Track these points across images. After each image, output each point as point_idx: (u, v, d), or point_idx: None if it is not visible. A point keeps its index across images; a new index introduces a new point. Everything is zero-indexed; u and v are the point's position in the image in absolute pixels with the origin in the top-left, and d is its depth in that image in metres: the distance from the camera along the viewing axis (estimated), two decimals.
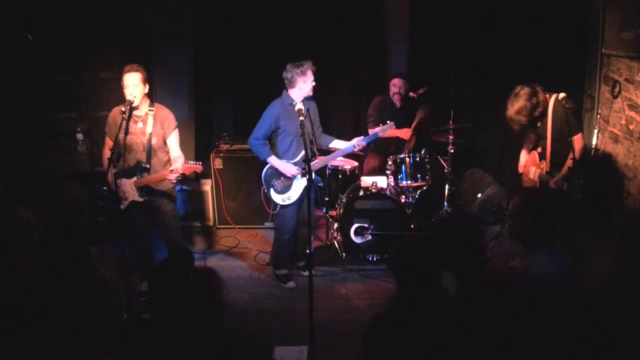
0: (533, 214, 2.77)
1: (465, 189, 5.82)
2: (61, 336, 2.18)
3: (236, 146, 5.66)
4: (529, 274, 2.64)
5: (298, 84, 4.38)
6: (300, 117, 3.99)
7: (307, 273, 4.37)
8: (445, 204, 5.40)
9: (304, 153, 4.37)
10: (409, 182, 5.14)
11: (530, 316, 2.16)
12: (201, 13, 5.89)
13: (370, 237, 4.96)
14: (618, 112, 4.96)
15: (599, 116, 5.30)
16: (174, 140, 4.35)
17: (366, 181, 5.16)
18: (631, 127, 4.74)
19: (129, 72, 4.12)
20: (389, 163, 5.20)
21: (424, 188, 5.27)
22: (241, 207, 5.77)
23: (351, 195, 5.07)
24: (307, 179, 3.61)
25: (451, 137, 5.31)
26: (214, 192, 5.75)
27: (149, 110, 4.25)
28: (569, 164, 4.13)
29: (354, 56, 6.10)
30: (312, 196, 4.53)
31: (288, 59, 4.47)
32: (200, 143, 6.12)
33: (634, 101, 4.70)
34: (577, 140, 4.21)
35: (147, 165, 4.24)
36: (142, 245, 4.49)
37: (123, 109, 4.02)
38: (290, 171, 4.48)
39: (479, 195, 5.59)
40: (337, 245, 5.15)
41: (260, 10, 5.79)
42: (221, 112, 6.32)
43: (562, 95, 4.15)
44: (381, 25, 5.99)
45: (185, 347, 2.28)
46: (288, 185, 4.54)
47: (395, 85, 5.45)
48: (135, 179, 4.23)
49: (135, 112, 4.21)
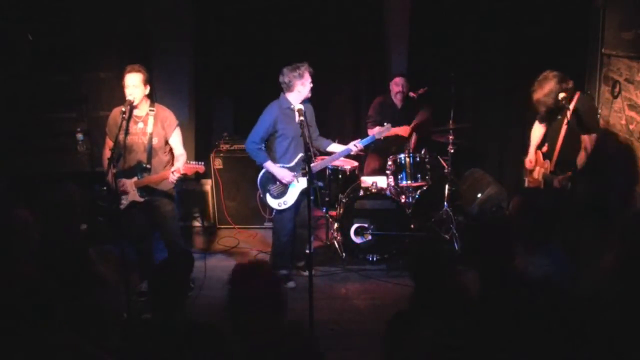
0: (532, 214, 2.77)
1: (465, 189, 5.82)
2: (61, 336, 2.18)
3: (236, 146, 5.66)
4: (528, 274, 2.64)
5: (296, 88, 4.34)
6: (300, 116, 3.98)
7: (307, 273, 4.37)
8: (445, 204, 5.40)
9: (300, 156, 4.40)
10: (409, 182, 5.14)
11: (530, 316, 2.17)
12: (201, 13, 5.89)
13: (370, 237, 4.96)
14: (618, 112, 4.96)
15: (599, 116, 5.30)
16: (176, 139, 4.35)
17: (366, 181, 5.16)
18: (631, 127, 4.74)
19: (130, 72, 4.12)
20: (389, 163, 5.20)
21: (424, 188, 5.27)
22: (241, 207, 5.77)
23: (351, 195, 5.07)
24: (307, 179, 3.59)
25: (451, 137, 5.31)
26: (214, 192, 5.75)
27: (150, 111, 4.24)
28: (578, 164, 4.12)
29: (354, 56, 6.10)
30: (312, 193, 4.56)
31: (288, 59, 4.46)
32: (200, 143, 6.12)
33: (634, 101, 4.70)
34: (586, 140, 4.17)
35: (148, 166, 4.24)
36: (142, 245, 4.49)
37: (123, 109, 4.02)
38: (285, 178, 4.45)
39: (479, 195, 5.58)
40: (337, 245, 5.15)
41: (260, 10, 5.79)
42: (221, 112, 6.32)
43: (561, 96, 4.14)
44: (381, 25, 5.99)
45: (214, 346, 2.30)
46: (284, 191, 4.52)
47: (398, 85, 5.44)
48: (135, 179, 4.23)
49: (135, 112, 4.21)
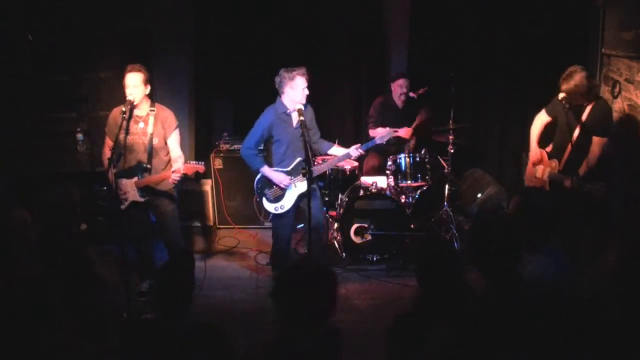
0: (531, 214, 2.77)
1: (465, 189, 5.82)
2: (61, 336, 2.18)
3: (236, 146, 5.64)
4: (528, 274, 2.64)
5: (286, 90, 4.26)
6: (300, 116, 3.95)
7: None
8: (445, 204, 5.41)
9: (299, 160, 4.36)
10: (409, 182, 5.14)
11: (529, 316, 2.17)
12: (201, 13, 5.89)
13: (370, 237, 4.96)
14: (618, 112, 4.96)
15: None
16: (174, 141, 4.34)
17: (366, 181, 5.16)
18: None
19: (130, 72, 4.11)
20: (389, 163, 5.20)
21: (424, 188, 5.27)
22: (241, 207, 5.77)
23: (351, 195, 5.07)
24: (306, 179, 3.59)
25: (451, 137, 5.31)
26: (214, 192, 5.75)
27: (150, 111, 4.24)
28: (587, 164, 4.11)
29: (354, 56, 6.10)
30: (318, 196, 4.50)
31: (288, 59, 4.46)
32: (200, 143, 6.12)
33: (634, 101, 4.70)
34: (596, 142, 4.13)
35: (149, 166, 4.23)
36: (142, 245, 4.49)
37: (123, 109, 4.02)
38: (282, 182, 4.39)
39: (479, 195, 5.58)
40: (337, 245, 5.15)
41: (260, 10, 5.79)
42: (221, 112, 6.32)
43: (561, 96, 4.14)
44: (381, 25, 5.99)
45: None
46: (281, 195, 4.46)
47: (402, 86, 5.42)
48: (136, 179, 4.23)
49: (136, 112, 4.20)
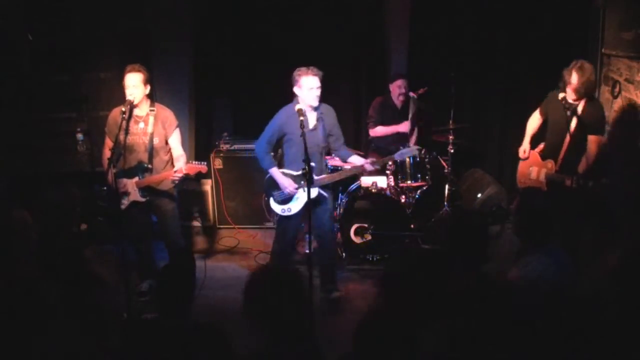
0: (531, 214, 2.77)
1: (465, 189, 5.82)
2: (61, 336, 2.18)
3: (236, 146, 5.65)
4: (528, 274, 2.64)
5: (296, 90, 4.14)
6: (300, 117, 3.93)
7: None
8: (445, 204, 5.40)
9: (313, 165, 4.08)
10: (409, 182, 5.14)
11: (529, 316, 2.17)
12: (201, 13, 5.88)
13: (370, 237, 4.96)
14: (618, 112, 4.96)
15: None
16: (175, 140, 4.34)
17: (366, 181, 5.16)
18: None
19: (130, 72, 4.11)
20: (389, 163, 5.20)
21: (424, 188, 5.27)
22: (241, 207, 5.77)
23: (351, 195, 5.07)
24: (307, 179, 3.58)
25: (451, 137, 5.31)
26: (214, 192, 5.75)
27: (150, 111, 4.24)
28: (585, 162, 4.13)
29: (354, 56, 6.10)
30: (329, 208, 4.36)
31: (288, 58, 4.46)
32: (200, 143, 6.12)
33: (634, 101, 4.70)
34: (593, 141, 4.15)
35: (149, 166, 4.23)
36: (142, 245, 4.49)
37: (123, 109, 4.02)
38: (287, 188, 4.23)
39: (479, 195, 5.58)
40: (337, 245, 5.15)
41: (260, 10, 5.79)
42: (221, 112, 6.32)
43: (561, 96, 4.14)
44: (381, 25, 5.99)
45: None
46: (289, 198, 4.28)
47: (400, 87, 5.42)
48: (136, 179, 4.22)
49: (136, 112, 4.20)
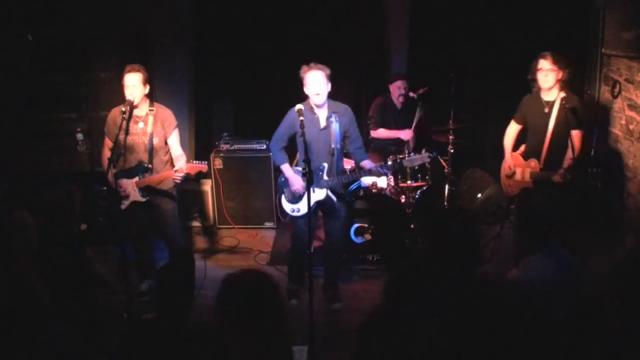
0: (531, 214, 2.78)
1: (465, 189, 5.82)
2: (60, 336, 2.18)
3: (236, 146, 5.65)
4: (529, 274, 2.64)
5: (304, 88, 4.06)
6: (300, 117, 3.91)
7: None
8: (445, 204, 5.40)
9: (324, 165, 4.10)
10: (409, 182, 5.14)
11: (530, 317, 2.16)
12: (201, 13, 5.89)
13: (370, 237, 4.96)
14: (618, 112, 4.96)
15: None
16: (175, 140, 4.34)
17: (366, 181, 5.15)
18: (631, 127, 4.74)
19: (130, 72, 4.11)
20: (389, 163, 5.19)
21: (424, 188, 5.27)
22: (241, 207, 5.77)
23: (351, 195, 5.07)
24: (306, 179, 3.57)
25: (451, 137, 5.31)
26: (214, 192, 5.75)
27: (149, 111, 4.24)
28: (570, 157, 4.14)
29: (354, 56, 6.10)
30: (342, 216, 4.31)
31: (288, 58, 4.46)
32: (200, 143, 6.12)
33: (634, 101, 4.70)
34: (576, 135, 4.18)
35: (149, 166, 4.23)
36: (142, 245, 4.49)
37: (123, 109, 4.02)
38: (294, 185, 4.16)
39: (479, 195, 5.58)
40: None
41: (260, 10, 5.79)
42: (221, 112, 6.32)
43: (562, 95, 4.15)
44: (381, 25, 5.99)
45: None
46: (299, 197, 4.20)
47: (400, 88, 5.42)
48: (136, 179, 4.23)
49: (135, 112, 4.20)
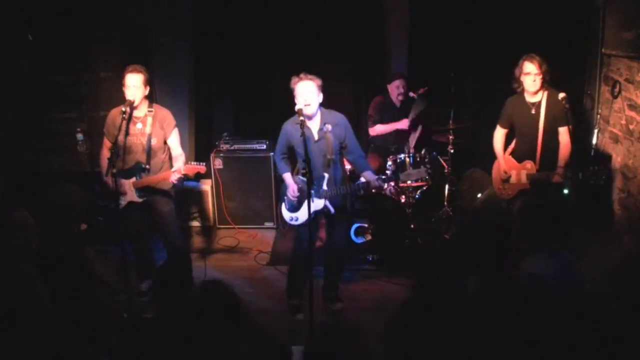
0: (533, 216, 2.78)
1: (465, 189, 5.81)
2: (60, 336, 2.18)
3: (236, 146, 5.65)
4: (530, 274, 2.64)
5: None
6: (300, 117, 3.87)
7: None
8: (445, 204, 5.40)
9: (324, 175, 3.99)
10: (409, 182, 5.13)
11: (534, 317, 2.17)
12: (201, 13, 5.89)
13: (370, 237, 4.96)
14: (618, 112, 4.97)
15: (599, 116, 5.30)
16: (174, 140, 4.33)
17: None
18: (631, 127, 4.75)
19: (132, 72, 4.09)
20: (389, 163, 5.20)
21: (424, 188, 5.27)
22: (241, 207, 5.77)
23: (351, 195, 5.06)
24: (306, 179, 3.55)
25: (451, 137, 5.31)
26: (214, 192, 5.75)
27: (148, 112, 4.22)
28: (565, 155, 4.13)
29: (354, 56, 6.10)
30: (343, 223, 4.20)
31: (288, 58, 4.45)
32: (200, 143, 6.12)
33: (634, 101, 4.71)
34: (566, 132, 4.16)
35: (147, 166, 4.22)
36: (141, 245, 4.48)
37: (123, 109, 4.01)
38: (291, 192, 4.06)
39: (479, 195, 5.58)
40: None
41: (260, 11, 5.79)
42: (221, 112, 6.32)
43: (561, 96, 4.14)
44: (381, 25, 5.99)
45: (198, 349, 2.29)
46: (297, 206, 4.11)
47: (399, 87, 5.42)
48: (134, 179, 4.22)
49: (134, 113, 4.19)
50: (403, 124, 5.33)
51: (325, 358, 2.01)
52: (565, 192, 4.15)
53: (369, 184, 4.04)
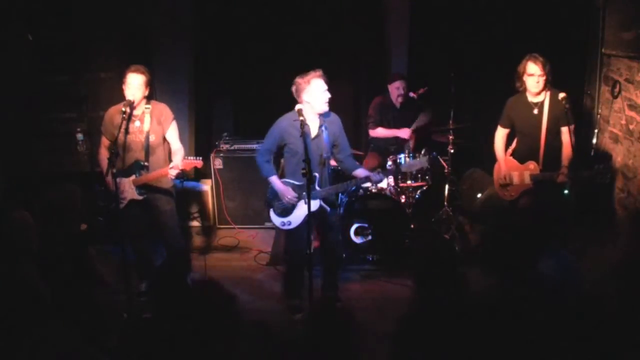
0: (536, 215, 2.78)
1: (465, 189, 5.82)
2: (60, 336, 2.18)
3: (236, 146, 5.66)
4: (531, 274, 2.64)
5: (303, 97, 3.89)
6: (300, 117, 3.88)
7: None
8: (445, 204, 5.40)
9: (315, 175, 3.94)
10: (409, 182, 5.14)
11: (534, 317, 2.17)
12: (201, 13, 5.89)
13: (370, 237, 4.96)
14: (618, 112, 4.96)
15: (599, 116, 5.30)
16: (173, 133, 4.30)
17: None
18: (631, 127, 4.74)
19: (134, 72, 4.09)
20: (389, 163, 5.20)
21: (424, 188, 5.27)
22: (241, 207, 5.77)
23: (351, 195, 5.07)
24: (306, 179, 3.55)
25: (451, 137, 5.31)
26: (214, 192, 5.75)
27: (146, 109, 4.21)
28: (569, 154, 4.12)
29: (354, 56, 6.10)
30: (336, 223, 4.17)
31: (288, 58, 4.45)
32: (200, 143, 6.13)
33: (634, 101, 4.70)
34: (568, 132, 4.14)
35: (146, 164, 4.21)
36: (141, 245, 4.48)
37: (123, 109, 4.00)
38: (286, 196, 3.98)
39: (479, 195, 5.58)
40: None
41: (260, 11, 5.79)
42: (221, 112, 6.32)
43: (561, 95, 4.14)
44: (381, 25, 5.99)
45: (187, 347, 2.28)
46: (289, 210, 4.06)
47: (399, 88, 5.42)
48: (133, 177, 4.22)
49: (133, 111, 4.19)
50: (404, 133, 5.32)
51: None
52: (566, 192, 4.15)
53: (368, 178, 4.03)
